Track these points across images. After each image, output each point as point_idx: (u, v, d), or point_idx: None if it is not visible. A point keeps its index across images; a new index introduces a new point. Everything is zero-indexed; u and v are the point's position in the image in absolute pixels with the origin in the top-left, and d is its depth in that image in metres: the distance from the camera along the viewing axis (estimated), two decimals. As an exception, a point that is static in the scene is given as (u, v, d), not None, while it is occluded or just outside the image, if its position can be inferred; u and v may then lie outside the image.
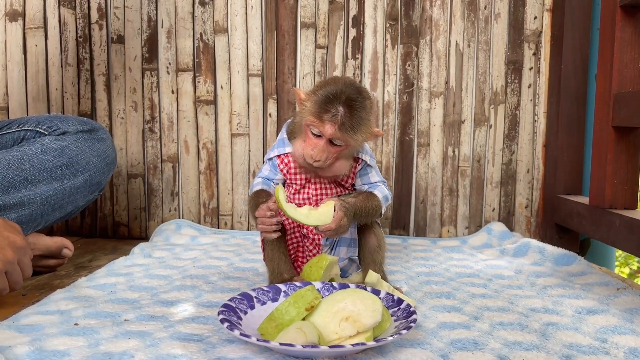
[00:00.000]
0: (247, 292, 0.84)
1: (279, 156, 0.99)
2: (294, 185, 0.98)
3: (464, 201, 1.49)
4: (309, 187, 0.98)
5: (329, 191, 0.98)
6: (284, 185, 1.00)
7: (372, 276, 0.90)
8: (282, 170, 0.98)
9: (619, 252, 2.69)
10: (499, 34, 1.46)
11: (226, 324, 0.70)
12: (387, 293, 0.83)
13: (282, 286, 0.86)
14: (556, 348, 0.74)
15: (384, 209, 0.98)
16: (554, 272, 1.11)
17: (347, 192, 1.00)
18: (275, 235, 0.90)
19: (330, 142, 0.89)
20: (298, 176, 0.98)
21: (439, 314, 0.87)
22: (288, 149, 0.97)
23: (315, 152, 0.89)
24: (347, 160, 0.93)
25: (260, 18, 1.48)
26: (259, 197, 0.94)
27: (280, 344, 0.66)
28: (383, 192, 0.98)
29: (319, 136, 0.89)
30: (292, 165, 0.98)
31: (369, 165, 0.99)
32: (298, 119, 0.94)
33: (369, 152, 0.99)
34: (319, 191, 0.98)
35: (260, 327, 0.74)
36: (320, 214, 0.88)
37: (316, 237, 0.98)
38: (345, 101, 0.87)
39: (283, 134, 1.00)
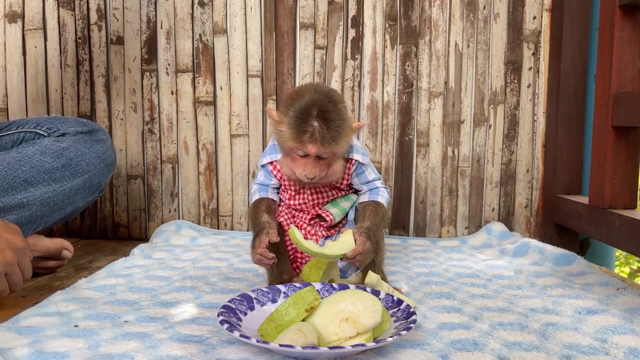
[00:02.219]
0: (246, 293, 0.84)
1: (271, 163, 0.98)
2: (289, 191, 0.98)
3: (463, 201, 1.49)
4: (304, 192, 0.98)
5: (324, 195, 0.98)
6: (279, 187, 1.00)
7: (372, 277, 0.90)
8: (275, 176, 0.99)
9: (619, 252, 2.69)
10: (498, 34, 1.46)
11: (226, 325, 0.70)
12: (387, 294, 0.83)
13: (281, 287, 0.86)
14: (556, 348, 0.74)
15: (387, 215, 1.00)
16: (553, 272, 1.11)
17: (342, 193, 1.00)
18: (272, 263, 0.91)
19: (318, 157, 0.89)
20: (292, 183, 0.98)
21: (439, 315, 0.87)
22: (279, 156, 0.97)
23: (307, 171, 0.89)
24: (338, 164, 0.93)
25: (260, 19, 1.48)
26: (258, 216, 0.95)
27: (280, 345, 0.66)
28: (384, 195, 0.99)
29: (305, 155, 0.89)
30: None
31: (362, 164, 0.98)
32: (279, 141, 0.94)
33: (360, 151, 0.98)
34: (314, 195, 0.98)
35: (260, 328, 0.74)
36: (342, 242, 0.89)
37: (314, 237, 0.98)
38: (318, 115, 0.86)
39: (274, 140, 0.99)
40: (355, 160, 0.97)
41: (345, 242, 0.89)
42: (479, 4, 1.45)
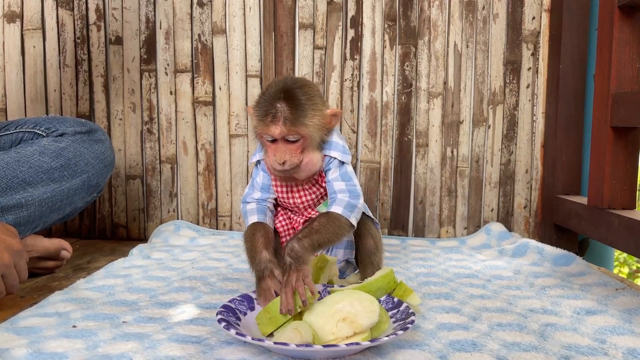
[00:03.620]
0: (247, 293, 0.84)
1: (259, 161, 0.97)
2: (278, 191, 0.97)
3: (462, 201, 1.49)
4: (293, 192, 0.96)
5: (312, 194, 0.96)
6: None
7: (415, 299, 0.86)
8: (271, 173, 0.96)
9: (620, 253, 2.69)
10: (497, 34, 1.46)
11: (223, 324, 0.70)
12: (388, 295, 0.83)
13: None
14: (555, 349, 0.74)
15: (353, 219, 0.89)
16: (552, 272, 1.11)
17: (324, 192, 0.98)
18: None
19: (286, 140, 0.87)
20: (280, 182, 0.96)
21: (438, 315, 0.87)
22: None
23: (278, 157, 0.87)
24: (314, 153, 0.90)
25: (259, 19, 1.48)
26: (257, 252, 0.86)
27: (275, 342, 0.67)
28: (342, 202, 0.89)
29: (273, 141, 0.88)
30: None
31: (335, 159, 0.93)
32: (254, 132, 0.92)
33: (340, 148, 0.93)
34: (303, 197, 0.96)
35: (257, 316, 0.75)
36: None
37: None
38: (281, 97, 0.86)
39: None
40: (327, 156, 0.93)
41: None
42: (478, 5, 1.45)
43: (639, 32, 1.14)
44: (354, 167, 1.48)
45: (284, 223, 0.98)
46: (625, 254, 2.78)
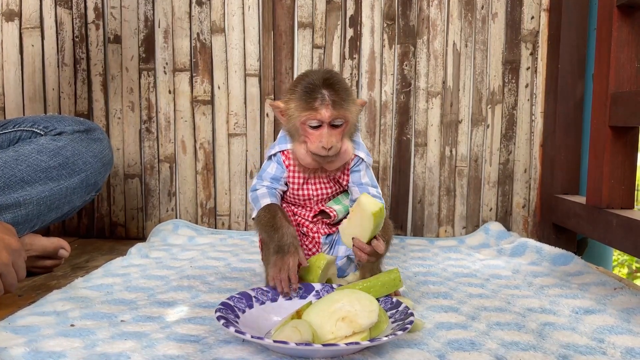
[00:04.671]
0: (246, 291, 0.84)
1: (282, 152, 0.98)
2: (296, 182, 0.98)
3: (461, 201, 1.49)
4: (309, 184, 0.98)
5: (329, 188, 0.98)
6: (285, 191, 0.99)
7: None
8: (287, 167, 0.98)
9: (619, 255, 2.69)
10: (496, 33, 1.46)
11: (222, 321, 0.70)
12: (387, 295, 0.83)
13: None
14: (553, 348, 0.74)
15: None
16: (551, 271, 1.11)
17: (342, 190, 1.00)
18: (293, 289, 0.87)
19: (331, 126, 0.90)
20: (298, 174, 0.98)
21: (436, 314, 0.87)
22: (290, 146, 0.97)
23: (325, 141, 0.89)
24: (348, 143, 0.94)
25: (258, 18, 1.48)
26: (280, 227, 0.88)
27: (274, 341, 0.66)
28: (381, 201, 0.94)
29: (318, 127, 0.90)
30: (295, 162, 0.97)
31: (363, 161, 0.97)
32: (289, 125, 0.94)
33: (365, 151, 0.99)
34: (319, 190, 0.98)
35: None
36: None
37: (316, 235, 0.98)
38: (324, 83, 0.90)
39: (283, 132, 1.00)
40: (357, 156, 0.97)
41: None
42: (477, 4, 1.45)
43: (637, 31, 1.14)
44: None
45: (289, 215, 0.98)
46: (625, 257, 2.78)
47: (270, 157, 0.99)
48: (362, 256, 0.86)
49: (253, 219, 0.96)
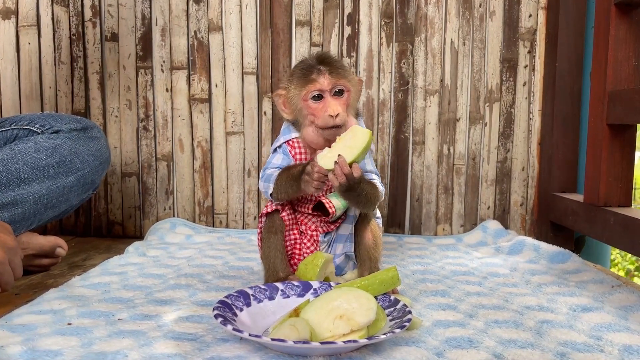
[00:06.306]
0: (243, 289, 0.83)
1: (287, 142, 1.00)
2: None
3: (459, 199, 1.49)
4: None
5: None
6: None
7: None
8: (294, 156, 0.99)
9: (616, 253, 2.69)
10: (494, 32, 1.46)
11: (220, 319, 0.70)
12: (385, 293, 0.83)
13: (279, 285, 0.86)
14: (551, 346, 0.74)
15: (378, 202, 0.98)
16: (548, 269, 1.12)
17: None
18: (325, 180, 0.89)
19: (333, 95, 0.93)
20: (305, 160, 0.99)
21: (434, 312, 0.87)
22: (294, 135, 0.99)
23: (331, 108, 0.92)
24: (353, 119, 0.96)
25: (255, 16, 1.47)
26: (292, 167, 0.95)
27: (272, 339, 0.66)
28: (379, 185, 0.98)
29: (320, 98, 0.93)
30: (302, 150, 0.99)
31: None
32: (294, 110, 0.97)
33: None
34: None
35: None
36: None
37: (314, 233, 0.98)
38: (319, 58, 0.95)
39: (286, 124, 1.02)
40: None
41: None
42: (474, 2, 1.45)
43: (635, 29, 1.14)
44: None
45: (289, 212, 0.99)
46: (620, 257, 2.78)
47: (275, 150, 1.01)
48: (339, 177, 0.86)
49: (271, 194, 0.97)
